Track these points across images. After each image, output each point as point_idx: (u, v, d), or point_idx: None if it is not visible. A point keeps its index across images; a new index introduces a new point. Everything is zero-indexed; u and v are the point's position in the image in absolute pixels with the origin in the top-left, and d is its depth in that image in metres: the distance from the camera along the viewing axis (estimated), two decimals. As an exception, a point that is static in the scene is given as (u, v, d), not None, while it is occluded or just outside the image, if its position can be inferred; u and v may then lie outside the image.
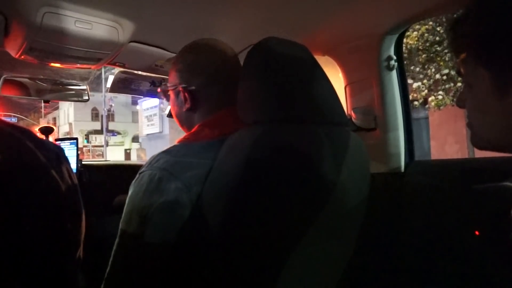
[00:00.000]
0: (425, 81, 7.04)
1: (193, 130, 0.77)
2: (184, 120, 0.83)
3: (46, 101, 1.44)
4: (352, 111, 1.22)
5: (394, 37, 1.15)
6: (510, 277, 0.49)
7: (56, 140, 1.27)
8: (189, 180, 0.65)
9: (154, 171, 0.66)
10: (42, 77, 1.38)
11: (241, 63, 0.75)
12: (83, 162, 1.37)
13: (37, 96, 1.40)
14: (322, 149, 0.68)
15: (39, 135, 0.63)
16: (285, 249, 0.66)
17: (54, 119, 25.75)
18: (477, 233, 0.92)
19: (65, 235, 0.53)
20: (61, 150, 0.56)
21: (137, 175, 0.69)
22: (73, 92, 1.46)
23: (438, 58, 6.75)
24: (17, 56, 1.13)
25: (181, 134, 0.85)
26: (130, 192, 0.68)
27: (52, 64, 1.24)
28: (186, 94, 0.78)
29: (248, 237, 0.64)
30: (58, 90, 1.42)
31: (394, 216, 1.13)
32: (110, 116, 22.72)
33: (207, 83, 0.78)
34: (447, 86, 6.72)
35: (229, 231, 0.64)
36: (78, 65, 1.26)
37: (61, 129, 24.12)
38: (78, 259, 0.56)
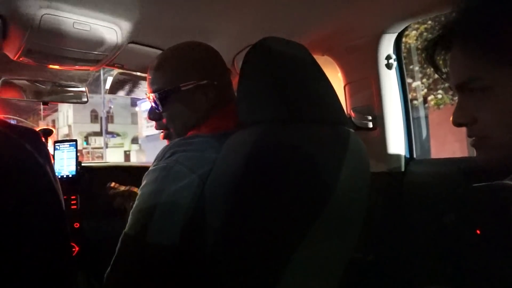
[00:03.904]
0: (424, 80, 7.05)
1: (205, 122, 0.77)
2: (187, 121, 0.80)
3: (44, 103, 1.44)
4: (351, 111, 1.22)
5: (393, 36, 1.15)
6: (511, 275, 0.48)
7: (55, 142, 1.27)
8: (204, 174, 0.66)
9: (170, 164, 0.66)
10: (40, 79, 1.37)
11: (240, 63, 0.75)
12: (82, 164, 1.37)
13: (36, 98, 1.40)
14: (322, 148, 0.68)
15: None
16: (286, 248, 0.66)
17: (54, 121, 25.72)
18: (478, 231, 0.92)
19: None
20: (46, 147, 0.56)
21: (152, 168, 0.68)
22: (72, 94, 1.46)
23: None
24: (15, 58, 1.13)
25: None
26: (143, 183, 0.67)
27: (51, 66, 1.24)
28: (208, 90, 0.78)
29: (249, 238, 0.64)
30: (57, 92, 1.41)
31: (394, 215, 1.13)
32: (109, 118, 22.70)
33: (219, 77, 0.80)
34: (446, 85, 6.72)
35: (230, 231, 0.63)
36: (77, 67, 1.26)
37: (61, 131, 24.08)
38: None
